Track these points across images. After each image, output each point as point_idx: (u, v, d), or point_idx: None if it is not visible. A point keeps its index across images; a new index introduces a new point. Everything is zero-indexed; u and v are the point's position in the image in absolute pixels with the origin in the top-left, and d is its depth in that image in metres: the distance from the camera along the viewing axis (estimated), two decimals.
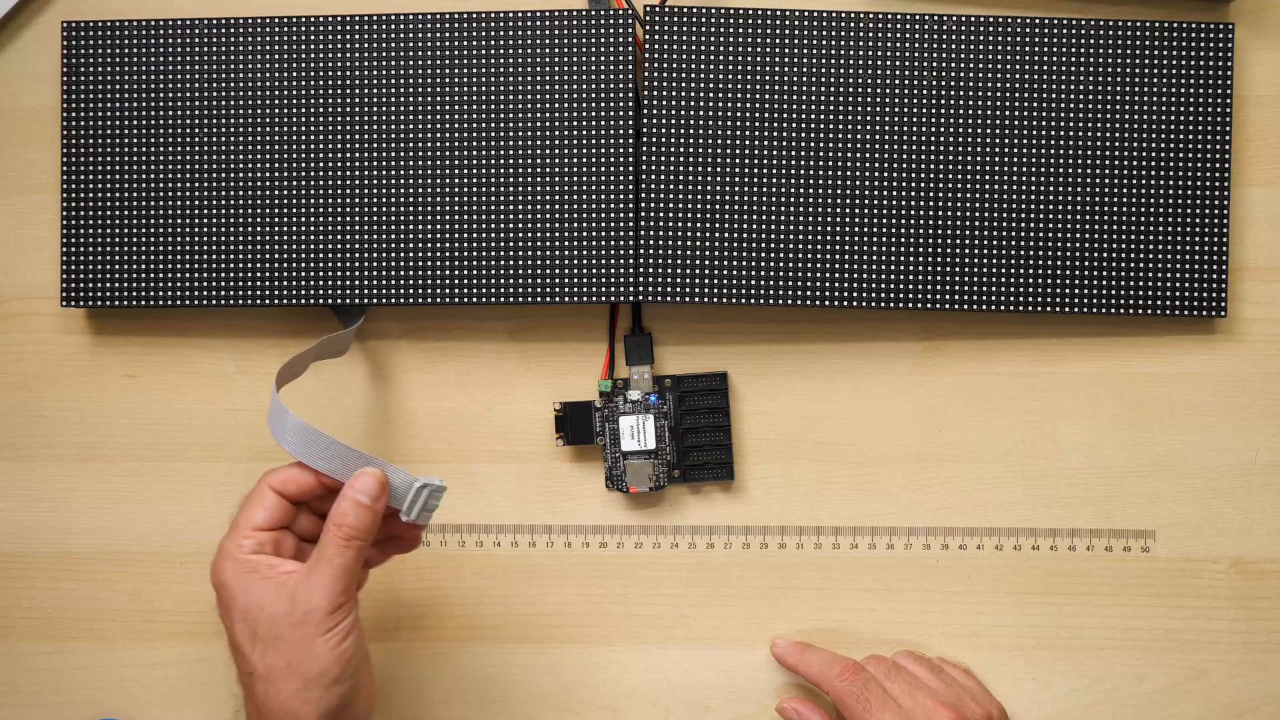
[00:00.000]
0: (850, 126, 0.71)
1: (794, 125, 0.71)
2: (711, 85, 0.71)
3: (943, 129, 0.71)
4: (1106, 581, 0.73)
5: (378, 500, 0.62)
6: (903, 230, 0.71)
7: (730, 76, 0.71)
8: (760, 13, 0.71)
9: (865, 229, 0.71)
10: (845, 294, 0.71)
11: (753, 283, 0.71)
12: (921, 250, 0.71)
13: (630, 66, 0.71)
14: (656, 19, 0.71)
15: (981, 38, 0.71)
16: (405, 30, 0.72)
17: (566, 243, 0.71)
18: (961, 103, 0.71)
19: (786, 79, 0.71)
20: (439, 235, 0.71)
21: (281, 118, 0.72)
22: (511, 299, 0.71)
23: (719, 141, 0.71)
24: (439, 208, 0.72)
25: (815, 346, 0.74)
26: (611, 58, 0.71)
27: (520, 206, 0.71)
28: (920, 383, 0.73)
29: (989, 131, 0.71)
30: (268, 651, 0.61)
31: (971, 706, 0.67)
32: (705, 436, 0.73)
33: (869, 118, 0.71)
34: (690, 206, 0.71)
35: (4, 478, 0.75)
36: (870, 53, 0.71)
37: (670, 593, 0.73)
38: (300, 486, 0.64)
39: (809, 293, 0.71)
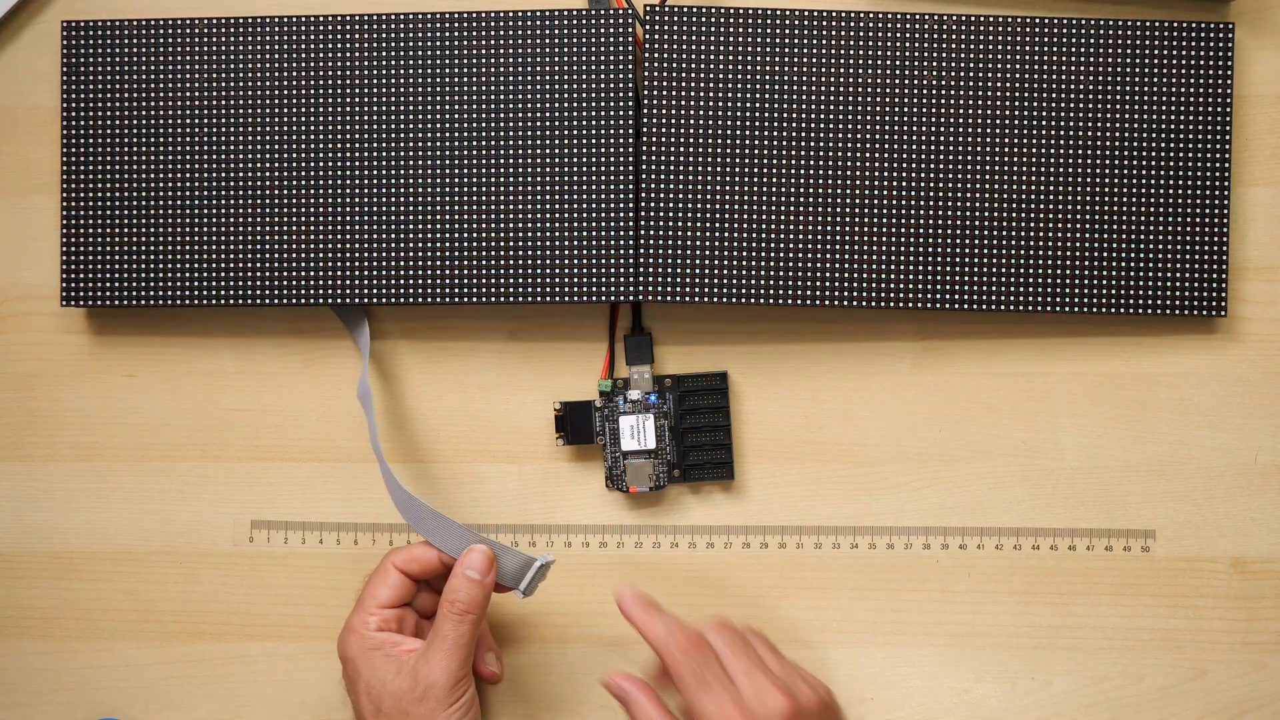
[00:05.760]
0: (850, 126, 0.71)
1: (794, 125, 0.71)
2: (711, 85, 0.71)
3: (942, 128, 0.71)
4: (1106, 581, 0.73)
5: (487, 575, 0.66)
6: (902, 230, 0.71)
7: (730, 76, 0.71)
8: (760, 12, 0.71)
9: (865, 229, 0.71)
10: (845, 294, 0.71)
11: (753, 282, 0.71)
12: (921, 250, 0.71)
13: (630, 66, 0.71)
14: (656, 18, 0.71)
15: (981, 37, 0.71)
16: (405, 30, 0.72)
17: (566, 242, 0.71)
18: (961, 102, 0.71)
19: (786, 78, 0.71)
20: (439, 235, 0.71)
21: (281, 117, 0.72)
22: (511, 298, 0.71)
23: (719, 141, 0.71)
24: (439, 207, 0.72)
25: (815, 346, 0.74)
26: (611, 57, 0.71)
27: (520, 206, 0.71)
28: (920, 383, 0.73)
29: (989, 131, 0.71)
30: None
31: (805, 690, 0.65)
32: (705, 436, 0.73)
33: (869, 117, 0.71)
34: (690, 206, 0.71)
35: (4, 478, 0.75)
36: (870, 52, 0.71)
37: (670, 593, 0.73)
38: (423, 565, 0.68)
39: (809, 292, 0.71)
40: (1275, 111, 0.73)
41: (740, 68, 0.71)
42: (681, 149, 0.71)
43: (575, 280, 0.71)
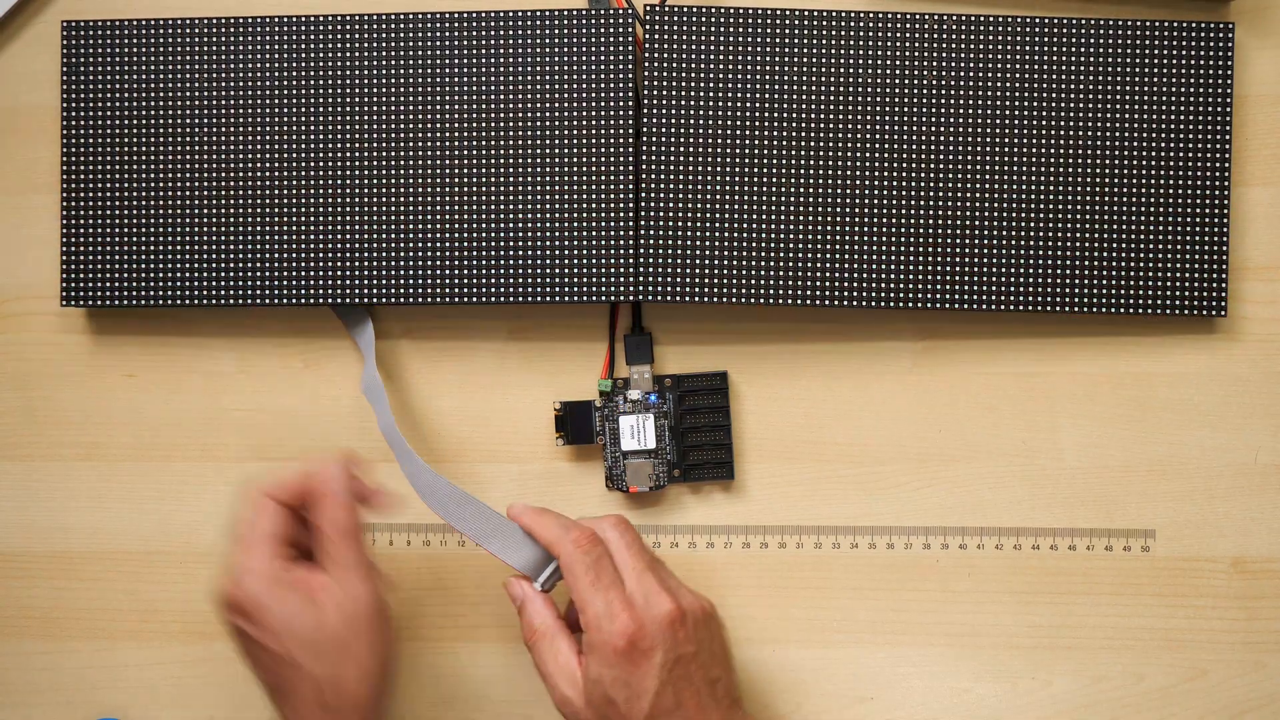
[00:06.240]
0: (850, 126, 0.71)
1: (794, 124, 0.71)
2: (711, 84, 0.71)
3: (942, 128, 0.71)
4: (1106, 581, 0.73)
5: (346, 486, 0.64)
6: (902, 230, 0.71)
7: (730, 76, 0.71)
8: (760, 12, 0.71)
9: (865, 229, 0.71)
10: (845, 294, 0.71)
11: (753, 282, 0.71)
12: (921, 250, 0.71)
13: (630, 66, 0.71)
14: (656, 18, 0.71)
15: (982, 37, 0.71)
16: (406, 30, 0.72)
17: (567, 242, 0.71)
18: (961, 102, 0.71)
19: (786, 78, 0.71)
20: (440, 234, 0.71)
21: (282, 117, 0.72)
22: (511, 298, 0.71)
23: (719, 141, 0.71)
24: (439, 207, 0.72)
25: (815, 346, 0.74)
26: (611, 57, 0.71)
27: (521, 206, 0.71)
28: (920, 382, 0.73)
29: (989, 131, 0.71)
30: (324, 658, 0.61)
31: (689, 597, 0.65)
32: (705, 436, 0.73)
33: (869, 117, 0.71)
34: (690, 206, 0.71)
35: (4, 477, 0.75)
36: (870, 52, 0.71)
37: None
38: (291, 491, 0.64)
39: (809, 292, 0.71)
40: (1275, 111, 0.73)
41: (740, 67, 0.71)
42: (681, 149, 0.71)
43: (575, 280, 0.71)
